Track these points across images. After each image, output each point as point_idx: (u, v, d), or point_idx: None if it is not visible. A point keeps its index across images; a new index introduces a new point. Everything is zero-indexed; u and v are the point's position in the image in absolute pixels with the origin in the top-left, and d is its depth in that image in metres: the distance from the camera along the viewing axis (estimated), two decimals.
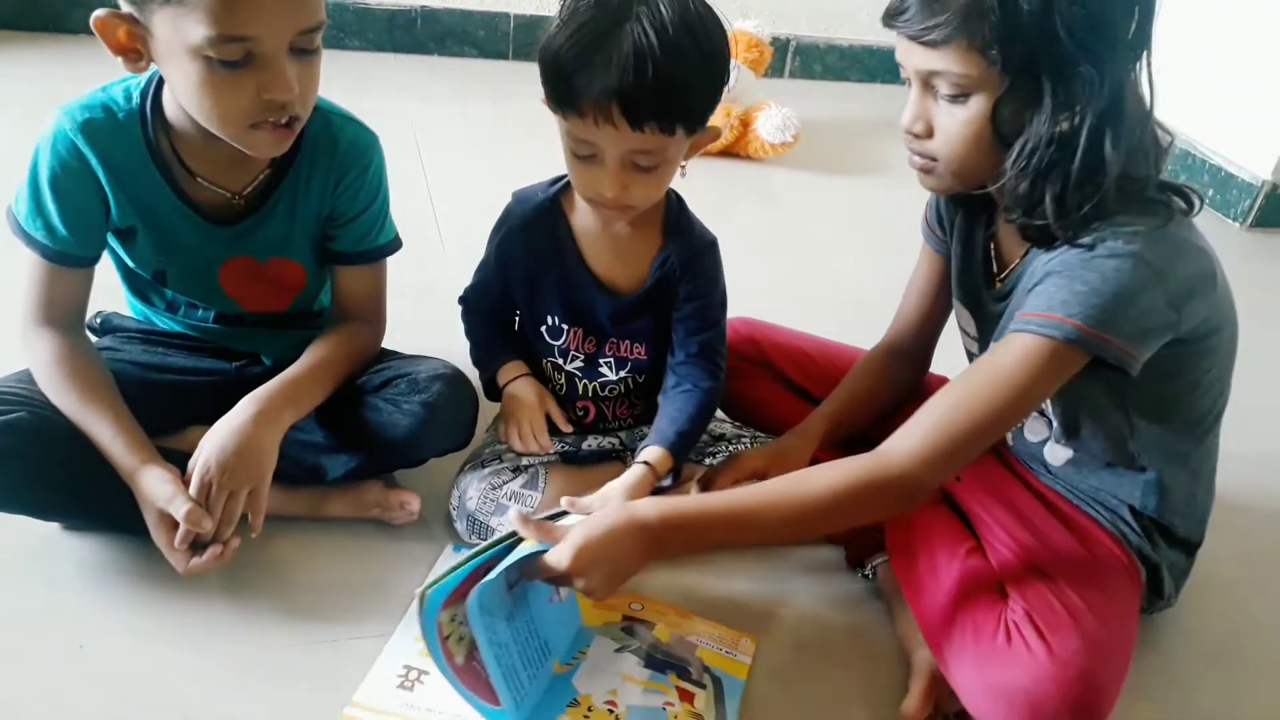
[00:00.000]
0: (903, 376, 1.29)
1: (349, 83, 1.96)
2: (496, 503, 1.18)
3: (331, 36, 2.75)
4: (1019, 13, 0.87)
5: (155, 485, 1.02)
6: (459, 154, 2.35)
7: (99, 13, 0.93)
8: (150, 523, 1.03)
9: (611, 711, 1.02)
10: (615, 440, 1.28)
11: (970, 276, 1.15)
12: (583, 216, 1.16)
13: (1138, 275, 0.91)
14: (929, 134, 0.98)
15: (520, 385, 1.23)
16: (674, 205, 1.19)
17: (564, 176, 1.16)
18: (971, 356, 1.21)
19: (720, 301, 1.22)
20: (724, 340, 1.23)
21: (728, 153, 2.41)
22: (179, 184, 1.08)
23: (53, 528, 1.14)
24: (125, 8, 0.93)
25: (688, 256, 1.17)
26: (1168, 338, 0.95)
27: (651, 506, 0.97)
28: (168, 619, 1.07)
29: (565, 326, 1.22)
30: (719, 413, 1.35)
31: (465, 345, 1.29)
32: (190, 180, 1.08)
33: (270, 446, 1.06)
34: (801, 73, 3.23)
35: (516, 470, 1.21)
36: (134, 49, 0.95)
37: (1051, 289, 0.94)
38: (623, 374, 1.24)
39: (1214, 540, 1.23)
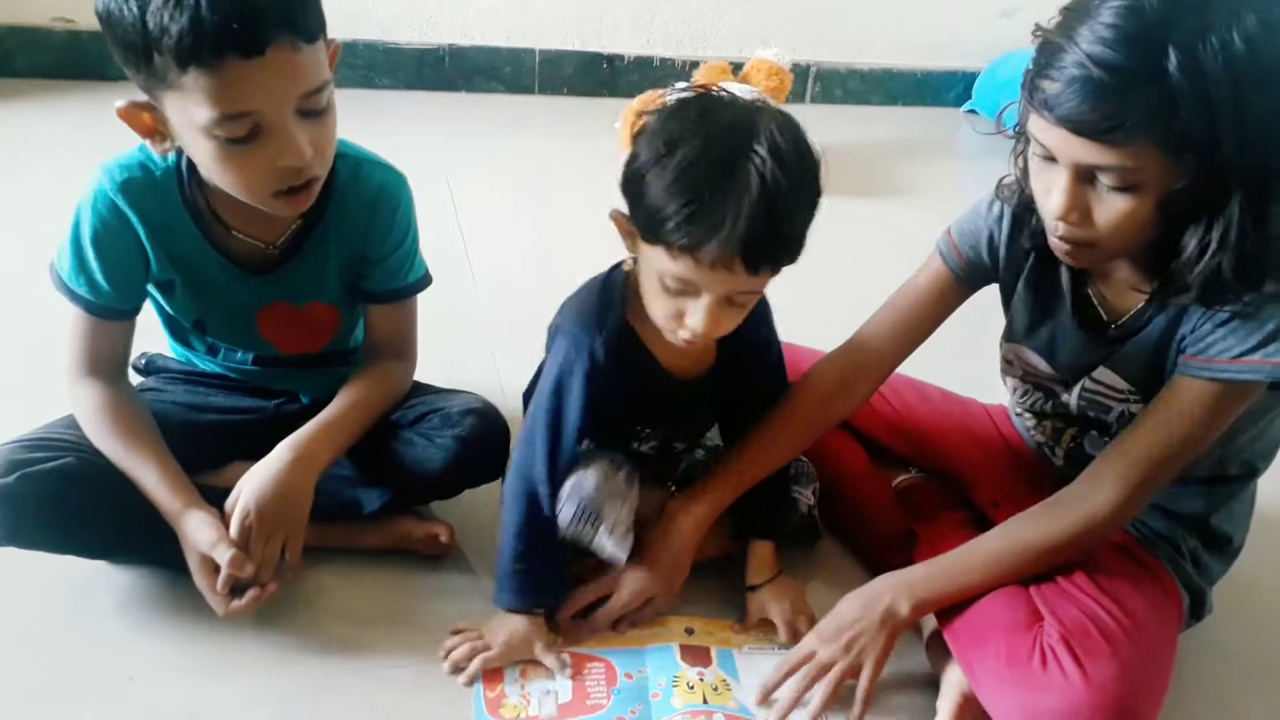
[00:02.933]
0: (841, 415, 1.26)
1: (379, 121, 2.01)
2: (614, 489, 1.14)
3: (361, 75, 2.83)
4: (1212, 103, 0.81)
5: (199, 530, 1.05)
6: (488, 187, 2.38)
7: (120, 103, 0.97)
8: (193, 566, 1.06)
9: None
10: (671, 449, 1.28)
11: (1046, 321, 1.12)
12: (648, 322, 1.08)
13: None
14: (1085, 222, 0.93)
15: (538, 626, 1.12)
16: None
17: (609, 281, 1.12)
18: (1050, 396, 1.17)
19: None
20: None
21: None
22: (215, 237, 1.11)
23: (98, 564, 1.17)
24: (141, 96, 0.97)
25: (752, 328, 1.12)
26: None
27: (907, 600, 1.07)
28: (212, 650, 1.10)
29: (646, 430, 1.21)
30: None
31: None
32: (225, 233, 1.11)
33: (307, 491, 1.09)
34: (823, 98, 3.25)
35: (619, 468, 1.17)
36: (159, 131, 0.99)
37: (1244, 332, 0.94)
38: (691, 442, 1.26)
39: (1257, 558, 1.22)
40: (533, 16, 2.94)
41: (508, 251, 2.05)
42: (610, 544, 1.14)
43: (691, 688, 1.09)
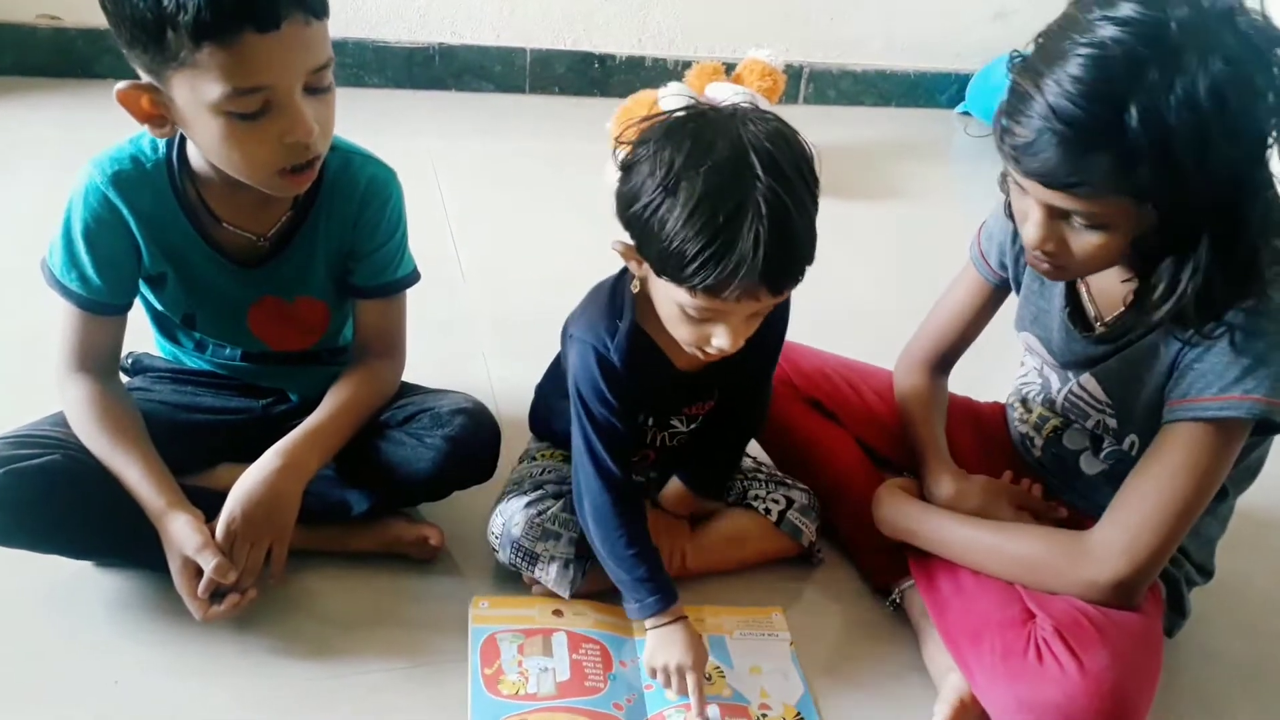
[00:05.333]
0: (945, 390, 1.34)
1: (369, 119, 1.99)
2: (542, 528, 1.17)
3: (351, 74, 2.82)
4: (1175, 154, 0.82)
5: (183, 533, 1.04)
6: (478, 186, 2.38)
7: (121, 85, 0.96)
8: (174, 568, 1.06)
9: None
10: (643, 478, 1.28)
11: (1048, 314, 1.15)
12: (659, 326, 1.07)
13: None
14: (1060, 251, 0.95)
15: (689, 633, 1.09)
16: None
17: (618, 287, 1.11)
18: (1045, 387, 1.20)
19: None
20: None
21: None
22: (206, 230, 1.10)
23: (83, 565, 1.16)
24: (144, 78, 0.96)
25: (771, 315, 1.11)
26: None
27: (905, 514, 1.18)
28: (198, 654, 1.08)
29: (650, 420, 1.20)
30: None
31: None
32: (216, 225, 1.10)
33: (294, 499, 1.09)
34: (816, 99, 3.25)
35: (557, 496, 1.20)
36: (158, 115, 0.98)
37: (1222, 366, 0.95)
38: (692, 426, 1.24)
39: (1246, 561, 1.22)
40: (523, 15, 2.93)
41: (498, 251, 2.04)
42: (549, 580, 1.17)
43: None
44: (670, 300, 0.99)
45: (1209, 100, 0.81)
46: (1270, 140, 0.87)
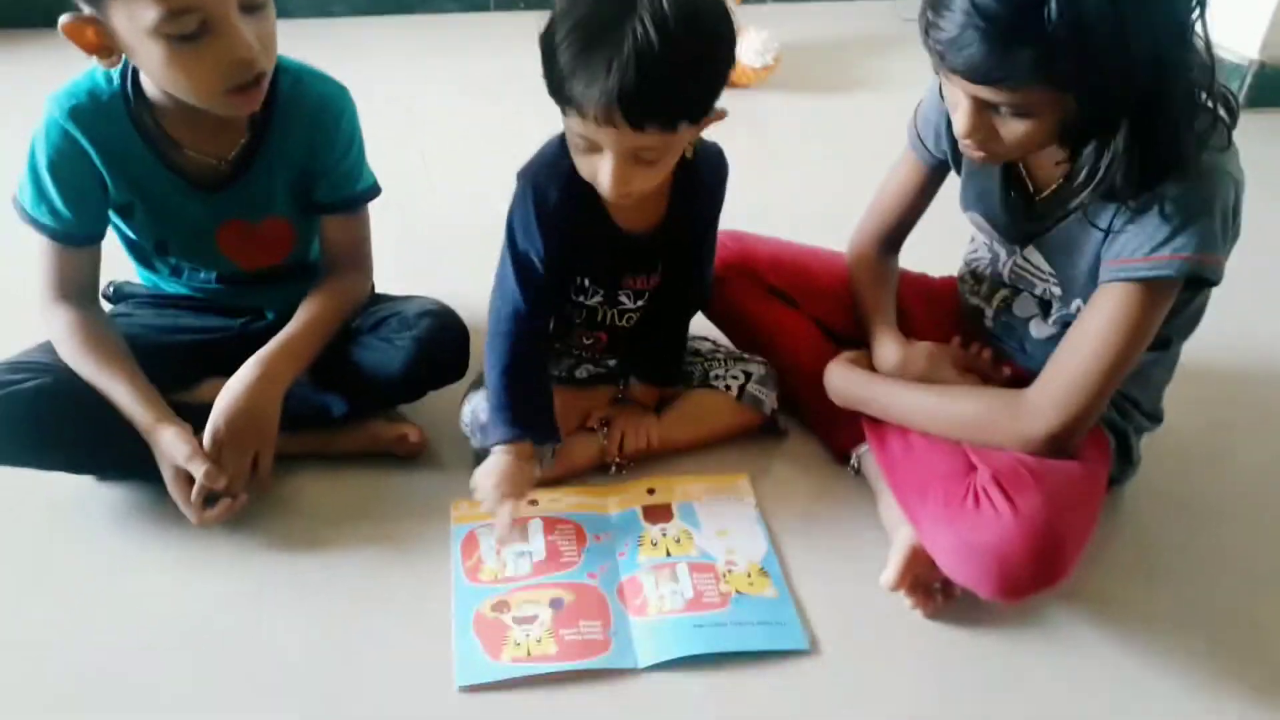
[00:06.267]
0: (895, 266, 1.39)
1: (336, 49, 2.01)
2: None
3: (317, 4, 2.80)
4: (1095, 46, 0.85)
5: (172, 444, 1.10)
6: (447, 105, 2.39)
7: (65, 18, 0.99)
8: (167, 478, 1.12)
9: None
10: (605, 366, 1.34)
11: (989, 193, 1.19)
12: None
13: (1230, 192, 0.98)
14: (990, 139, 0.99)
15: (521, 468, 1.18)
16: None
17: (566, 139, 1.13)
18: (993, 260, 1.24)
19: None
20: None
21: None
22: (167, 156, 1.14)
23: (85, 480, 1.23)
24: (86, 9, 0.99)
25: (710, 183, 1.19)
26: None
27: (854, 382, 1.24)
28: (197, 554, 1.16)
29: (589, 282, 1.24)
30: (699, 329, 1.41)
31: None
32: (177, 151, 1.14)
33: (274, 406, 1.14)
34: None
35: None
36: (104, 45, 1.01)
37: (1152, 228, 0.99)
38: (640, 303, 1.28)
39: (1185, 414, 1.26)
40: None
41: (464, 164, 2.07)
42: None
43: (655, 544, 1.17)
44: (570, 130, 1.03)
45: None
46: (1192, 22, 0.90)
